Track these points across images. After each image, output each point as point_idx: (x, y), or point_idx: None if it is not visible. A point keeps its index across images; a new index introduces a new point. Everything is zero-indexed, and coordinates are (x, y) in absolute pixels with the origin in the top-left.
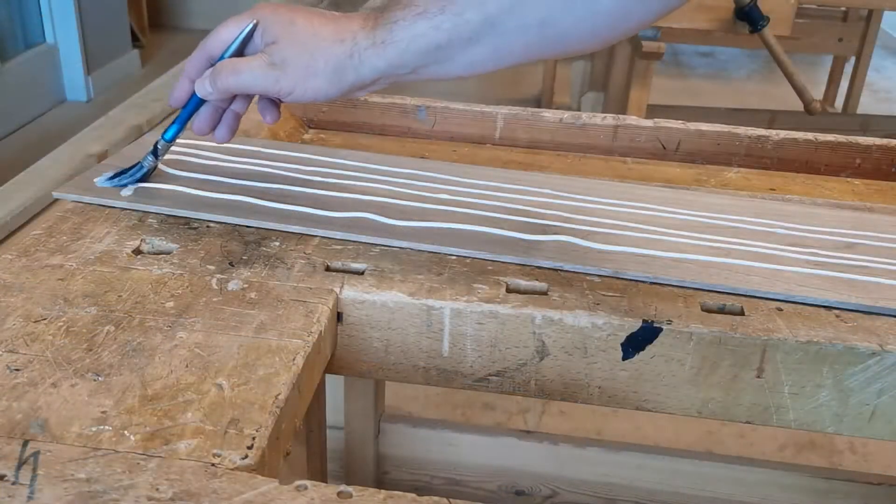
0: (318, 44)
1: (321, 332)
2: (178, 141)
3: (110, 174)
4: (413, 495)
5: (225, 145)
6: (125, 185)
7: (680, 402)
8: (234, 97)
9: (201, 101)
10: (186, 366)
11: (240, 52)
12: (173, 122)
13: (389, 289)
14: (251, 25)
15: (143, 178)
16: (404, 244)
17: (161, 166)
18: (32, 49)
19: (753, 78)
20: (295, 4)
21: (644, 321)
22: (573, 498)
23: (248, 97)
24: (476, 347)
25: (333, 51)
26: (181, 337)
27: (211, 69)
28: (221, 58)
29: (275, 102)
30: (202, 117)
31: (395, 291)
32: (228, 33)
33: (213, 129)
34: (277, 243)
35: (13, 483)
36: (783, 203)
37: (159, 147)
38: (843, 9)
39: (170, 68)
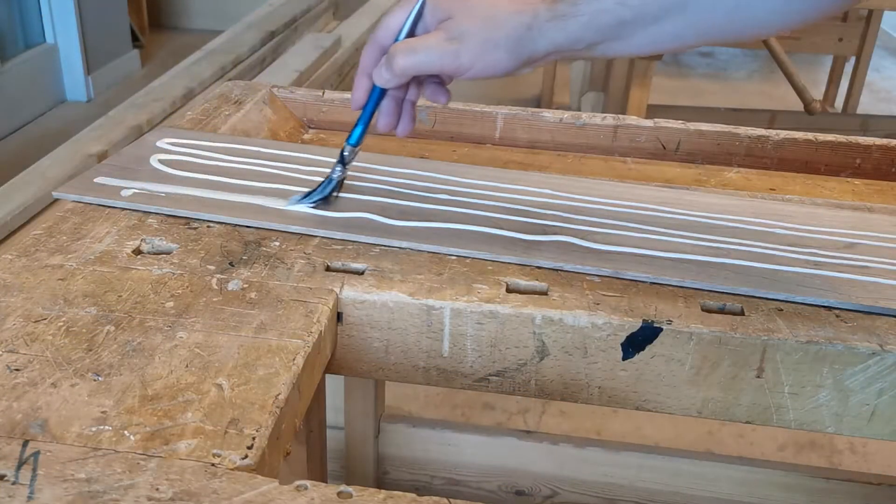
0: (498, 15)
1: (321, 332)
2: (177, 141)
3: (299, 196)
4: (413, 495)
5: (225, 145)
6: (316, 202)
7: (680, 402)
8: (412, 87)
9: (381, 97)
10: (186, 366)
11: (411, 35)
12: (356, 124)
13: (389, 289)
14: (420, 4)
15: (334, 191)
16: (404, 244)
17: (161, 166)
18: (32, 49)
19: (753, 78)
20: None
21: (644, 321)
22: (573, 498)
23: (421, 84)
24: (476, 347)
25: (513, 22)
26: (181, 337)
27: (386, 55)
28: (395, 41)
29: (444, 85)
30: (385, 112)
31: (395, 291)
32: (396, 19)
33: (398, 123)
34: (277, 243)
35: (13, 483)
36: (783, 203)
37: (346, 154)
38: None
39: (170, 68)
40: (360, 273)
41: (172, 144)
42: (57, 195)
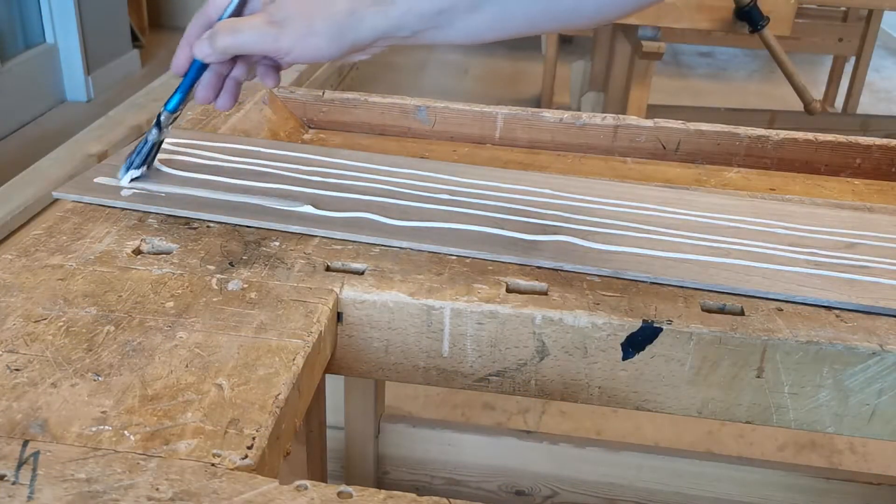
0: (320, 1)
1: (321, 332)
2: (177, 141)
3: (124, 168)
4: (413, 495)
5: (225, 145)
6: (135, 166)
7: (680, 402)
8: (234, 63)
9: (203, 68)
10: (186, 366)
11: (238, 14)
12: (175, 92)
13: (389, 289)
14: None
15: (151, 154)
16: (404, 244)
17: (161, 166)
18: (32, 49)
19: (753, 78)
20: None
21: (644, 321)
22: (573, 498)
23: (249, 63)
24: (476, 347)
25: (335, 8)
26: (181, 337)
27: (209, 30)
28: (220, 19)
29: (275, 67)
30: (204, 84)
31: (395, 291)
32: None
33: (217, 97)
34: (277, 243)
35: (13, 483)
36: (783, 203)
37: (162, 118)
38: (843, 9)
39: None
40: (360, 273)
41: (172, 144)
42: (57, 195)
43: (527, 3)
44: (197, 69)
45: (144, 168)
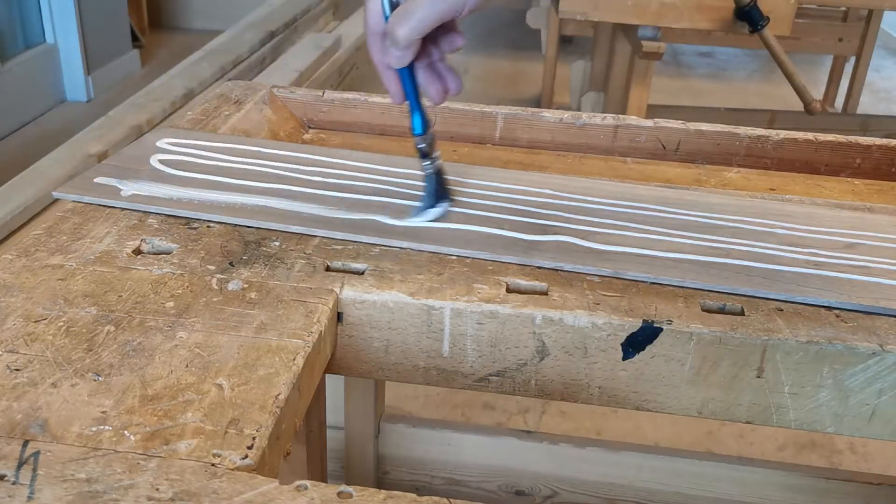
0: None
1: (321, 332)
2: (177, 141)
3: (421, 206)
4: (413, 495)
5: (225, 145)
6: (435, 205)
7: (680, 402)
8: (430, 50)
9: (412, 77)
10: (186, 366)
11: (396, 7)
12: (411, 115)
13: (389, 289)
14: None
15: (439, 185)
16: (404, 244)
17: (161, 166)
18: (32, 49)
19: (753, 78)
20: None
21: (644, 321)
22: (573, 498)
23: (437, 41)
24: (476, 347)
25: None
26: (181, 337)
27: (387, 37)
28: (386, 20)
29: (452, 29)
30: (429, 85)
31: (396, 291)
32: (375, 2)
33: (447, 86)
34: (277, 243)
35: (13, 483)
36: (783, 203)
37: (421, 147)
38: (843, 9)
39: (170, 68)
40: (360, 273)
41: (172, 144)
42: (57, 195)
43: None
44: (409, 82)
45: (447, 202)
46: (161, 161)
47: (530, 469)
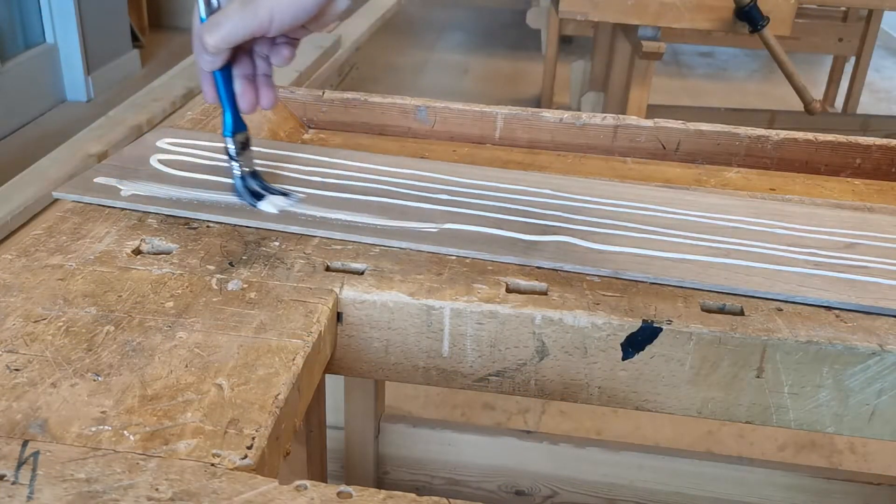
0: None
1: (321, 332)
2: (177, 141)
3: (249, 203)
4: (413, 495)
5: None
6: (252, 205)
7: (680, 402)
8: (254, 60)
9: (227, 81)
10: (186, 366)
11: (213, 11)
12: (222, 116)
13: (389, 289)
14: None
15: (249, 181)
16: (404, 244)
17: (161, 166)
18: (32, 49)
19: (753, 78)
20: None
21: (644, 321)
22: (573, 498)
23: (261, 54)
24: (476, 347)
25: None
26: (181, 337)
27: (199, 42)
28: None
29: (286, 43)
30: (241, 95)
31: (395, 291)
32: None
33: (258, 99)
34: (277, 243)
35: (13, 483)
36: (783, 203)
37: (230, 148)
38: (843, 9)
39: (170, 68)
40: (360, 273)
41: (172, 144)
42: (57, 195)
43: None
44: (222, 82)
45: (275, 195)
46: (161, 161)
47: (530, 469)
